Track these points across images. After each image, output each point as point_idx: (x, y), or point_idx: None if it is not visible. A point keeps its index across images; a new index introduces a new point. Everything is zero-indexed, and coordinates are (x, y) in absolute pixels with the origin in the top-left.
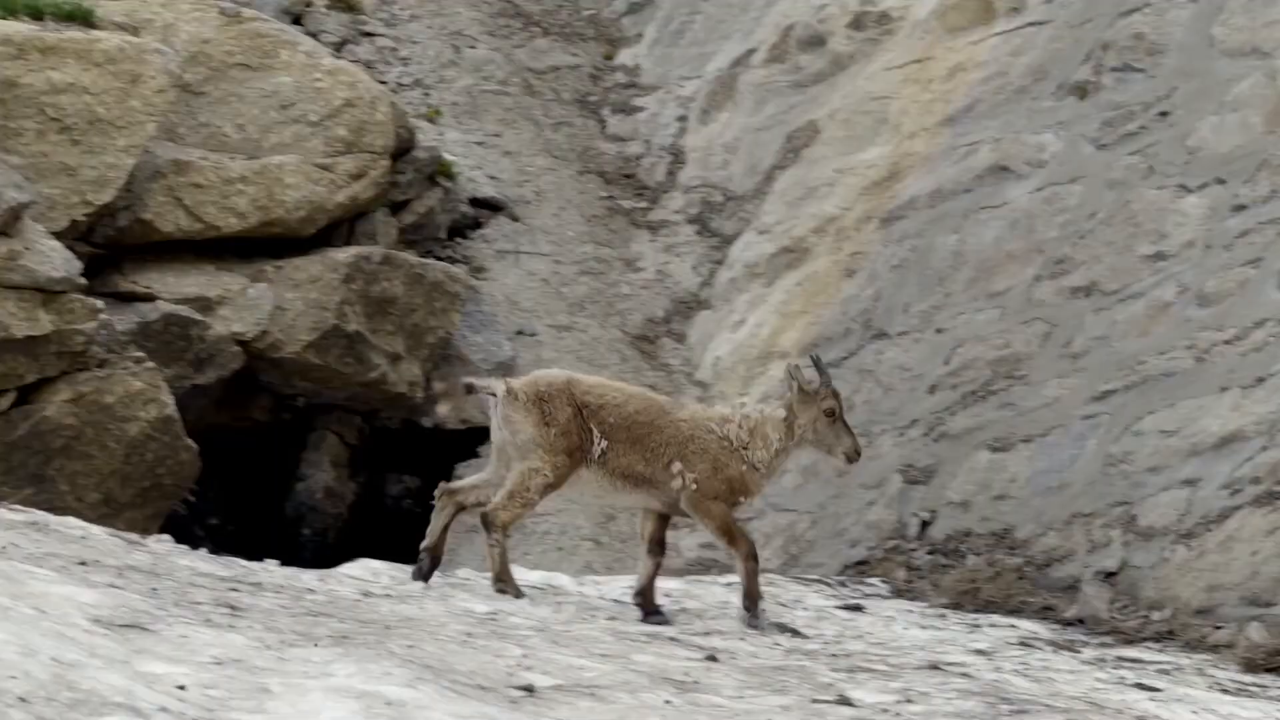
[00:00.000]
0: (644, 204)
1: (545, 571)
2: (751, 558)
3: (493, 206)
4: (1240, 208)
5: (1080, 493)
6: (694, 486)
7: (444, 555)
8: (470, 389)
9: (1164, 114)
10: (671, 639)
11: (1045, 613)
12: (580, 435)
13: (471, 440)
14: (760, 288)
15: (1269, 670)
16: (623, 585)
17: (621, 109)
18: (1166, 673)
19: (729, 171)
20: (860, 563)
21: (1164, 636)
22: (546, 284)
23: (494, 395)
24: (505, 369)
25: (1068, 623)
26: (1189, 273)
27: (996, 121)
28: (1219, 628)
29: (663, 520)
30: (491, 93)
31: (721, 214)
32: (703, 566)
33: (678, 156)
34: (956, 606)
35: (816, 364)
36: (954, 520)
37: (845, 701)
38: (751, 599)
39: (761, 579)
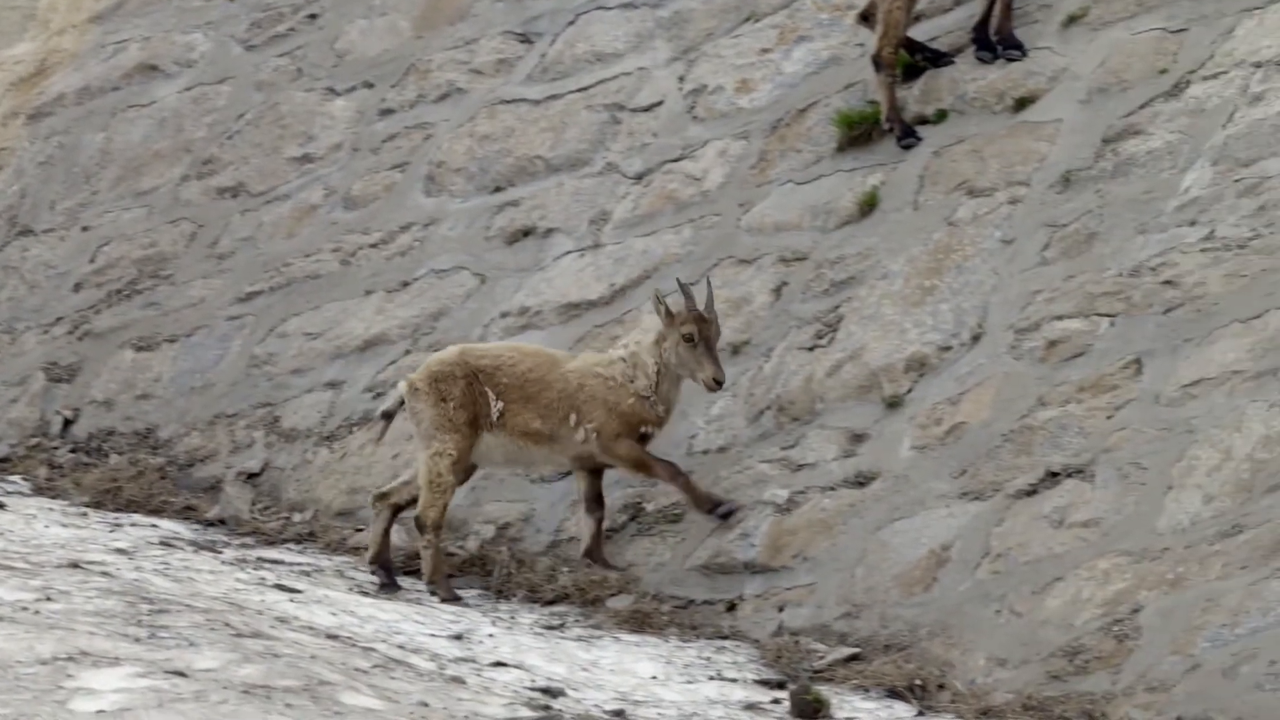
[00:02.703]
0: None
1: None
2: (678, 475)
3: None
4: (388, 111)
5: (224, 393)
6: (596, 435)
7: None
8: (389, 415)
9: (313, 16)
10: None
11: (187, 513)
12: (478, 403)
13: None
14: None
15: (407, 573)
16: None
17: None
18: (307, 574)
19: None
20: (2, 460)
21: (305, 538)
22: None
23: (404, 400)
24: None
25: (209, 523)
26: (336, 175)
27: (146, 20)
28: (360, 530)
29: (594, 476)
30: None
31: None
32: None
33: None
34: (98, 505)
35: (682, 288)
36: (97, 419)
37: None
38: (700, 501)
39: None
